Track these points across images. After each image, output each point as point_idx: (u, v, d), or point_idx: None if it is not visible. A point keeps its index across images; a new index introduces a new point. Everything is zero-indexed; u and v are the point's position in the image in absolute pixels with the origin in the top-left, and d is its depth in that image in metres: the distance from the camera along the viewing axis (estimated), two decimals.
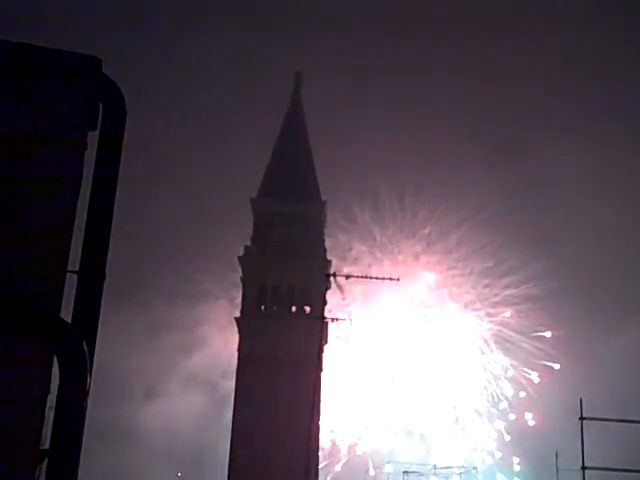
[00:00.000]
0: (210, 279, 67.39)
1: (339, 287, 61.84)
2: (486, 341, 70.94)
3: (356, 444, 68.61)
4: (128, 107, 5.35)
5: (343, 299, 62.82)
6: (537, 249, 69.32)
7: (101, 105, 5.31)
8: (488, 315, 71.02)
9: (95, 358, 4.84)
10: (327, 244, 64.44)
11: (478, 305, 71.17)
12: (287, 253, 60.81)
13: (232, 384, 67.27)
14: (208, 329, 69.42)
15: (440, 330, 70.51)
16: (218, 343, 69.42)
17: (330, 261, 63.13)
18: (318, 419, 60.05)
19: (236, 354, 66.54)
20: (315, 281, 60.86)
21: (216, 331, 69.57)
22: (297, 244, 61.46)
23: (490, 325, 70.95)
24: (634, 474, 45.76)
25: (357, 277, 62.32)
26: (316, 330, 59.18)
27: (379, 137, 72.70)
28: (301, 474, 53.79)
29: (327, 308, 61.77)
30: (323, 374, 61.11)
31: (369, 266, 65.92)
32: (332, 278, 61.77)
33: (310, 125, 67.60)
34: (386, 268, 66.04)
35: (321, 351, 60.57)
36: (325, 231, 65.08)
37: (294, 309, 61.61)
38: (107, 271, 4.94)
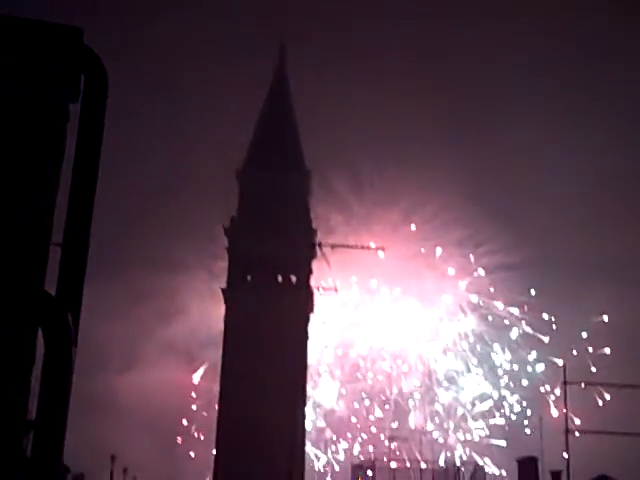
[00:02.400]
0: (190, 250, 67.58)
1: (324, 257, 62.03)
2: (462, 308, 71.73)
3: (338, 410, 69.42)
4: (110, 78, 5.33)
5: (329, 268, 63.05)
6: (510, 220, 70.08)
7: (83, 77, 5.27)
8: (463, 282, 71.89)
9: (79, 330, 4.86)
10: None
11: (455, 273, 71.94)
12: (273, 223, 60.80)
13: (212, 354, 67.78)
14: (187, 299, 69.63)
15: (419, 297, 71.24)
16: (197, 313, 69.71)
17: (316, 231, 63.27)
18: (305, 387, 60.51)
19: (216, 324, 66.94)
20: (301, 251, 61.01)
21: (195, 301, 69.80)
22: (283, 214, 61.44)
23: (466, 292, 71.77)
24: (614, 436, 46.53)
25: (343, 246, 62.67)
26: (302, 299, 59.49)
27: (362, 109, 72.41)
28: (288, 441, 54.34)
29: (313, 277, 62.11)
30: (309, 342, 61.49)
31: (347, 236, 66.50)
32: (318, 247, 62.02)
33: (295, 96, 67.35)
34: (364, 238, 66.50)
35: (307, 320, 60.92)
36: (310, 201, 65.16)
37: (280, 279, 61.74)
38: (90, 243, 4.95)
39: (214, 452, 60.57)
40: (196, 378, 69.09)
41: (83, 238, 4.89)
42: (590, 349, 70.25)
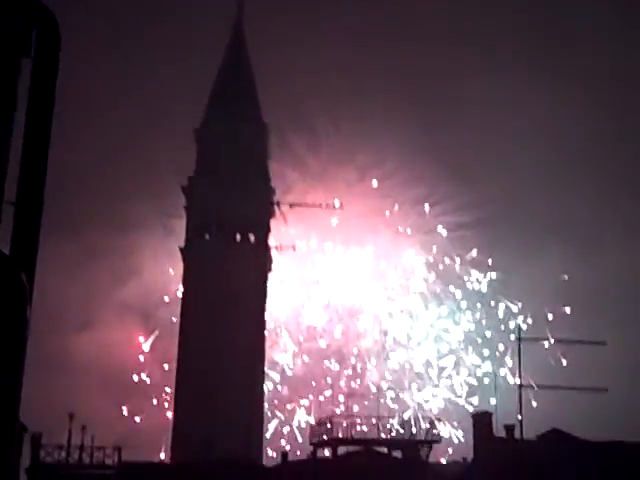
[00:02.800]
0: (145, 208, 66.94)
1: (282, 215, 61.96)
2: (419, 266, 72.38)
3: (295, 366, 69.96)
4: (63, 34, 5.23)
5: (286, 225, 63.07)
6: (469, 179, 70.62)
7: (34, 31, 5.17)
8: (421, 241, 72.55)
9: (34, 289, 4.82)
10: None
11: (411, 231, 72.50)
12: (231, 182, 60.41)
13: (168, 313, 67.71)
14: (142, 258, 69.13)
15: (376, 256, 71.69)
16: (153, 272, 69.33)
17: (274, 189, 63.04)
18: (263, 345, 60.78)
19: (172, 283, 66.77)
20: (259, 209, 60.84)
21: (151, 260, 69.37)
22: (241, 172, 61.07)
23: (423, 250, 72.42)
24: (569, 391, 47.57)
25: (301, 205, 62.61)
26: (260, 258, 59.49)
27: (319, 64, 71.72)
28: (247, 401, 54.69)
29: (271, 236, 62.06)
30: (267, 301, 61.63)
31: (304, 194, 66.46)
32: (276, 206, 61.89)
33: (253, 50, 66.52)
34: (322, 196, 66.52)
35: (265, 279, 60.98)
36: (269, 161, 64.81)
37: (239, 237, 61.59)
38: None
39: (170, 414, 60.87)
40: (152, 338, 68.94)
41: (37, 196, 4.83)
42: (546, 309, 71.46)
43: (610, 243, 72.85)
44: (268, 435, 63.38)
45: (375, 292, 71.67)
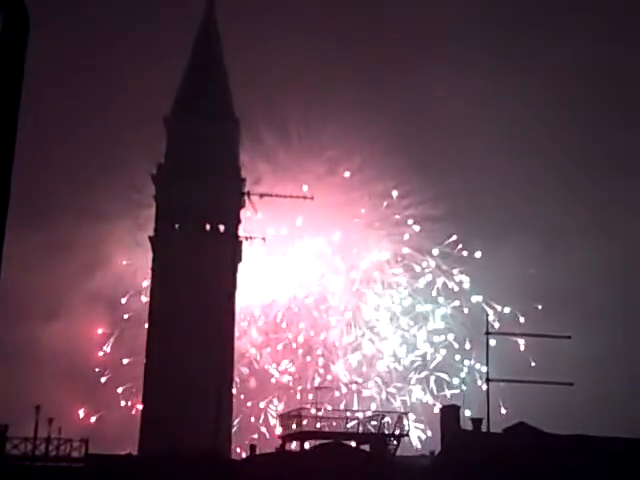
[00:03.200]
0: (114, 198, 66.47)
1: (253, 205, 61.77)
2: (389, 260, 72.67)
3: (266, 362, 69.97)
4: (31, 17, 5.09)
5: (256, 216, 62.91)
6: (436, 172, 71.01)
7: (2, 14, 5.01)
8: (389, 234, 72.87)
9: (2, 276, 4.69)
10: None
11: (379, 224, 72.82)
12: (201, 171, 60.11)
13: (137, 304, 67.32)
14: (111, 248, 68.65)
15: (345, 248, 71.91)
16: (122, 263, 68.90)
17: (244, 179, 62.81)
18: (232, 337, 60.64)
19: (140, 273, 66.38)
20: (229, 200, 60.59)
21: (120, 251, 68.90)
22: (211, 162, 60.77)
23: (392, 244, 72.74)
24: (538, 385, 48.00)
25: (271, 196, 62.47)
26: (230, 249, 59.29)
27: (290, 60, 71.63)
28: (215, 391, 54.55)
29: (241, 227, 61.87)
30: (237, 292, 61.46)
31: (274, 186, 66.44)
32: (246, 197, 61.68)
33: (225, 41, 66.16)
34: (292, 188, 66.52)
35: (235, 270, 60.80)
36: (239, 150, 64.55)
37: (208, 228, 61.31)
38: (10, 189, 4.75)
39: (138, 406, 60.55)
40: (119, 329, 68.49)
41: (3, 185, 4.69)
42: (514, 304, 71.99)
43: (576, 237, 73.74)
44: (235, 429, 63.26)
45: (343, 284, 71.84)
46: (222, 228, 61.34)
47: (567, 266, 71.29)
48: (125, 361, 67.20)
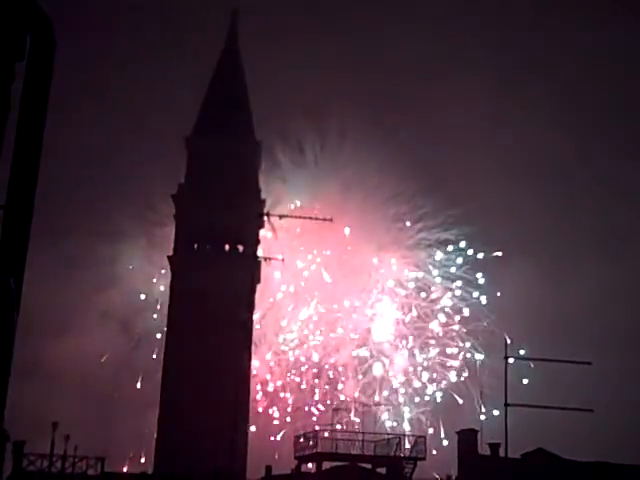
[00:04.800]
0: (130, 217, 66.88)
1: (272, 227, 61.87)
2: (400, 282, 72.41)
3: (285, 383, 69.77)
4: (57, 38, 5.19)
5: (275, 239, 62.96)
6: (448, 198, 71.20)
7: (29, 36, 5.13)
8: (403, 257, 72.70)
9: (24, 295, 4.77)
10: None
11: (393, 247, 72.72)
12: (221, 192, 60.40)
13: (149, 323, 67.47)
14: (125, 267, 68.94)
15: (357, 271, 71.83)
16: (135, 281, 69.11)
17: (264, 200, 62.98)
18: (249, 358, 60.58)
19: (153, 292, 66.63)
20: (249, 220, 60.75)
21: (134, 269, 69.15)
22: (231, 183, 61.06)
23: (405, 266, 72.54)
24: (554, 411, 47.50)
25: (291, 217, 62.54)
26: (249, 269, 59.34)
27: (311, 77, 72.33)
28: (231, 414, 54.40)
29: (260, 248, 61.97)
30: (255, 313, 61.46)
31: (295, 208, 66.68)
32: (266, 218, 61.79)
33: (247, 64, 66.76)
34: (310, 210, 66.66)
35: (253, 290, 60.84)
36: (260, 171, 64.90)
37: (227, 248, 61.49)
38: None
39: (153, 424, 60.45)
40: (133, 347, 68.58)
41: (27, 202, 4.78)
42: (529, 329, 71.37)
43: (585, 264, 73.63)
44: (251, 448, 62.99)
45: (356, 306, 71.68)
46: (241, 248, 61.50)
47: (578, 290, 71.13)
48: (139, 379, 67.23)
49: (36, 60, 5.03)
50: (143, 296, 68.86)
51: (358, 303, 71.74)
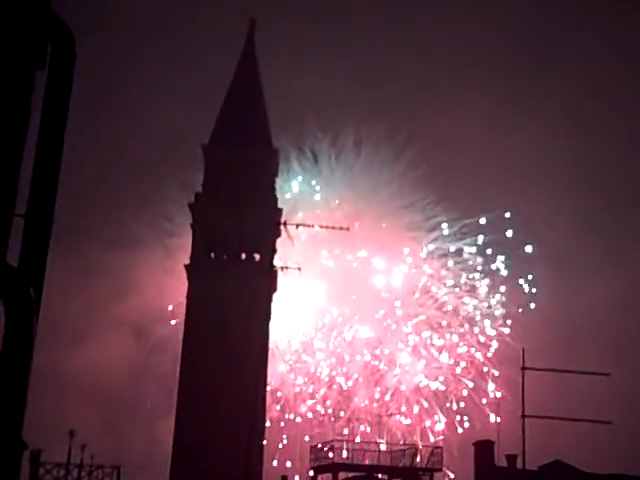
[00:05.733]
0: (146, 226, 67.16)
1: (289, 236, 61.88)
2: (414, 291, 72.15)
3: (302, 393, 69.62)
4: (77, 47, 5.21)
5: (293, 247, 62.98)
6: (463, 208, 71.18)
7: (50, 45, 5.14)
8: (417, 266, 72.47)
9: (42, 302, 4.76)
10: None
11: (405, 258, 72.52)
12: (238, 200, 60.49)
13: (164, 330, 67.65)
14: (141, 276, 69.20)
15: (369, 279, 71.66)
16: (151, 290, 69.34)
17: (281, 209, 63.02)
18: (266, 367, 60.48)
19: (169, 301, 66.79)
20: (266, 229, 60.79)
21: (150, 278, 69.38)
22: (248, 192, 61.15)
23: (419, 275, 72.31)
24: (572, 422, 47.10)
25: (308, 226, 62.54)
26: (265, 278, 59.35)
27: (328, 88, 72.66)
28: (248, 423, 54.34)
29: (277, 257, 61.97)
30: (271, 322, 61.40)
31: (312, 216, 66.74)
32: (283, 227, 61.81)
33: (263, 72, 66.97)
34: (327, 218, 66.66)
35: (270, 299, 60.81)
36: (277, 179, 64.97)
37: (244, 257, 61.52)
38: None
39: (169, 431, 60.44)
40: (147, 355, 68.71)
41: (47, 210, 4.79)
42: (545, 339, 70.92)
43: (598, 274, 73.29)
44: (267, 453, 62.87)
45: (371, 314, 71.50)
46: (258, 257, 61.52)
47: (592, 300, 70.90)
48: (155, 387, 67.29)
49: (57, 69, 5.04)
50: (159, 305, 69.06)
51: (373, 312, 71.48)
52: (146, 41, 75.77)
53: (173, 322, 67.28)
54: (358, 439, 58.79)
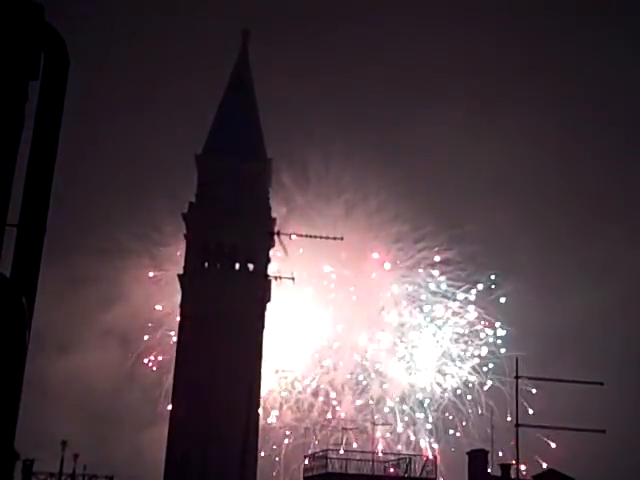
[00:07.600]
0: (131, 236, 67.11)
1: (282, 245, 61.85)
2: (400, 300, 72.14)
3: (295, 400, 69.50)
4: (70, 57, 5.23)
5: (286, 256, 62.93)
6: (449, 218, 71.46)
7: (43, 55, 5.16)
8: (403, 276, 72.50)
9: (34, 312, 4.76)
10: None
11: (392, 267, 72.56)
12: (232, 210, 60.50)
13: (154, 341, 67.48)
14: (128, 285, 68.99)
15: (356, 290, 71.62)
16: (139, 299, 69.09)
17: (275, 219, 63.05)
18: (259, 376, 60.40)
19: (157, 310, 66.72)
20: (259, 239, 60.80)
21: (137, 287, 69.16)
22: (242, 201, 61.18)
23: (408, 285, 72.31)
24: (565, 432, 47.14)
25: (301, 236, 62.49)
26: (259, 288, 59.30)
27: (320, 100, 73.01)
28: (241, 432, 54.24)
29: (270, 266, 61.91)
30: (265, 332, 61.32)
31: (305, 226, 66.72)
32: (276, 236, 61.77)
33: (257, 83, 67.09)
34: (320, 229, 66.66)
35: (264, 309, 60.76)
36: (270, 191, 64.98)
37: (237, 266, 61.51)
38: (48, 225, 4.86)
39: (161, 440, 60.24)
40: (136, 363, 68.48)
41: (40, 220, 4.79)
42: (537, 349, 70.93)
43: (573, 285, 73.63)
44: (261, 464, 62.64)
45: (358, 324, 71.44)
46: (251, 267, 61.50)
47: (579, 309, 71.18)
48: (146, 394, 67.07)
49: (50, 79, 5.05)
50: (145, 314, 68.84)
51: (360, 322, 71.46)
52: (138, 52, 75.90)
53: (163, 333, 67.19)
54: (355, 445, 58.83)
